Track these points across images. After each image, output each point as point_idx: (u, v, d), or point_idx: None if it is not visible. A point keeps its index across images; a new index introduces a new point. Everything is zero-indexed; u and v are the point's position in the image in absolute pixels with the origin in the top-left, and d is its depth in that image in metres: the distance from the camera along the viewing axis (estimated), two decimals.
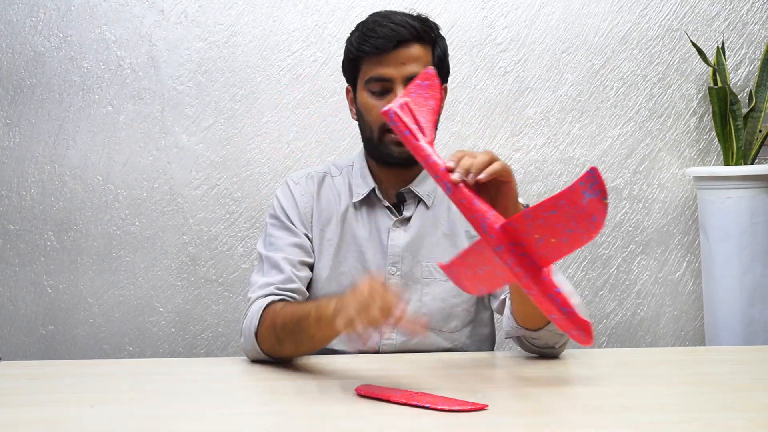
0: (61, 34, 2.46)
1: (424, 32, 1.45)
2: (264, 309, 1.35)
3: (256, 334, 1.34)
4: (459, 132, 2.48)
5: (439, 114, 1.13)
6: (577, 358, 1.34)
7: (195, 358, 2.40)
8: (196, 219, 2.47)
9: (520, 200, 1.20)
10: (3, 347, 2.46)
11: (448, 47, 1.54)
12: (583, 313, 1.05)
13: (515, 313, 1.34)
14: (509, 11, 2.50)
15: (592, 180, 0.93)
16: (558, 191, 0.98)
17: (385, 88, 1.44)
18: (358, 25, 1.49)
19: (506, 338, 1.43)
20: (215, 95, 2.47)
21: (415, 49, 1.44)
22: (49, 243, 2.47)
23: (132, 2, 2.46)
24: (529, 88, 2.50)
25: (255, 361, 1.37)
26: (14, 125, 2.46)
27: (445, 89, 1.53)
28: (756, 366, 1.32)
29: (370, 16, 1.49)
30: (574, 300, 1.06)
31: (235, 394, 1.19)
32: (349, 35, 1.50)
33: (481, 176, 1.10)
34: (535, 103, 2.50)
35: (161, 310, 2.48)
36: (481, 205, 1.08)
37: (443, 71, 1.50)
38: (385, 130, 1.43)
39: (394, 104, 1.14)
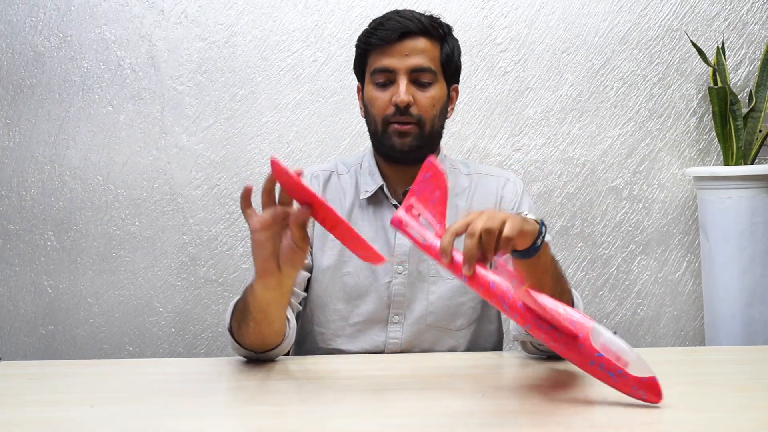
0: (61, 34, 2.46)
1: (432, 27, 1.46)
2: (234, 304, 1.33)
3: (230, 329, 1.32)
4: (459, 132, 2.48)
5: (446, 198, 1.10)
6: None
7: (195, 358, 2.40)
8: (196, 219, 2.47)
9: (531, 216, 1.15)
10: (3, 347, 2.46)
11: None
12: (640, 367, 1.00)
13: None
14: (509, 11, 2.50)
15: None
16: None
17: (389, 79, 1.44)
18: (370, 22, 1.50)
19: (513, 341, 1.43)
20: (215, 95, 2.47)
21: (421, 42, 1.44)
22: (49, 243, 2.47)
23: (132, 2, 2.46)
24: (529, 88, 2.50)
25: (248, 360, 1.36)
26: (14, 125, 2.46)
27: (456, 90, 1.54)
28: (756, 366, 1.32)
29: (382, 14, 1.50)
30: (627, 356, 1.01)
31: (235, 394, 1.19)
32: (359, 34, 1.51)
33: (495, 257, 1.07)
34: (535, 103, 2.50)
35: (161, 310, 2.48)
36: (499, 285, 1.04)
37: (451, 70, 1.50)
38: (388, 121, 1.44)
39: (400, 211, 1.11)
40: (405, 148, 1.44)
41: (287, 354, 1.62)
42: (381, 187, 1.50)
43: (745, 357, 1.42)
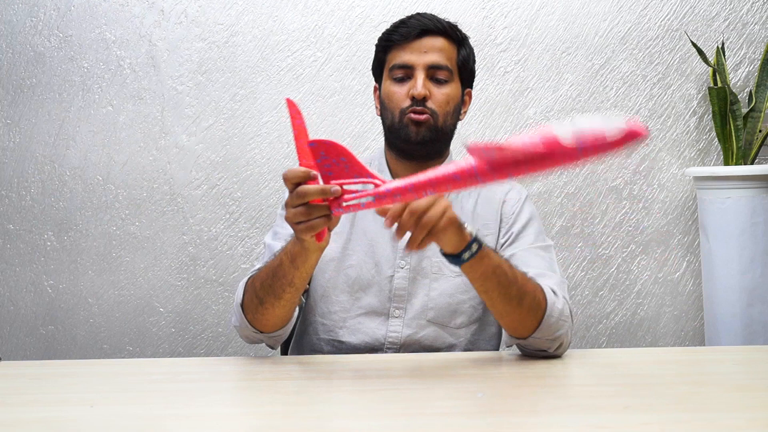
0: (61, 34, 2.46)
1: (450, 29, 1.51)
2: (246, 282, 1.40)
3: (242, 305, 1.38)
4: (459, 132, 2.47)
5: (353, 156, 1.14)
6: (577, 358, 1.34)
7: (195, 358, 2.40)
8: (196, 219, 2.47)
9: (468, 229, 1.25)
10: (3, 347, 2.46)
11: None
12: (613, 127, 0.98)
13: (502, 323, 1.37)
14: (509, 11, 2.50)
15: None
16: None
17: (407, 75, 1.48)
18: (392, 24, 1.54)
19: (507, 346, 1.45)
20: (215, 95, 2.47)
21: (439, 41, 1.49)
22: (49, 243, 2.47)
23: (132, 2, 2.46)
24: (529, 88, 2.50)
25: (251, 341, 1.41)
26: (14, 125, 2.46)
27: (470, 94, 1.58)
28: (756, 366, 1.32)
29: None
30: (597, 130, 0.99)
31: (235, 394, 1.19)
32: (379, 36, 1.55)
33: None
34: (535, 103, 2.50)
35: (161, 310, 2.48)
36: (441, 174, 1.09)
37: (466, 73, 1.54)
38: (404, 113, 1.47)
39: (333, 204, 1.15)
40: (419, 139, 1.47)
41: (286, 352, 1.62)
42: None
43: (745, 357, 1.42)
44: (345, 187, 1.12)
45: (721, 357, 1.48)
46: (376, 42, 1.55)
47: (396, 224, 1.17)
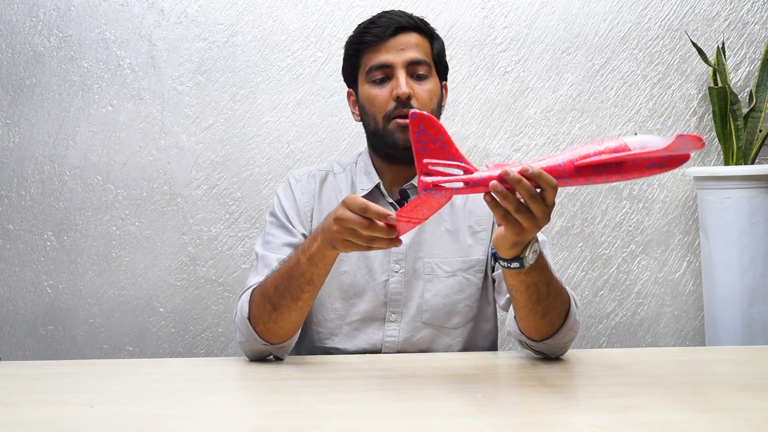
0: (61, 34, 2.46)
1: (422, 23, 1.49)
2: (251, 294, 1.37)
3: (249, 318, 1.34)
4: (459, 132, 2.48)
5: (450, 139, 1.09)
6: (577, 358, 1.34)
7: (195, 358, 2.40)
8: (196, 219, 2.47)
9: (537, 247, 1.20)
10: (3, 347, 2.46)
11: (448, 47, 1.56)
12: (675, 145, 1.04)
13: (519, 323, 1.34)
14: (509, 11, 2.50)
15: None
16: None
17: (386, 75, 1.46)
18: (357, 26, 1.52)
19: (507, 335, 1.43)
20: (215, 95, 2.47)
21: (414, 37, 1.47)
22: (48, 243, 2.47)
23: (132, 2, 2.46)
24: (529, 88, 2.50)
25: (254, 360, 1.37)
26: (14, 125, 2.46)
27: (445, 86, 1.55)
28: (756, 366, 1.32)
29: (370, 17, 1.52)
30: (656, 143, 1.06)
31: (235, 394, 1.19)
32: (348, 38, 1.52)
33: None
34: (535, 103, 2.50)
35: (161, 310, 2.48)
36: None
37: (442, 66, 1.53)
38: (389, 117, 1.44)
39: (422, 176, 1.09)
40: (408, 144, 1.44)
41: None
42: (377, 185, 1.51)
43: (745, 357, 1.42)
44: (436, 168, 1.09)
45: (721, 357, 1.48)
46: (345, 46, 1.51)
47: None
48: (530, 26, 2.50)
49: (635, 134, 1.10)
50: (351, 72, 1.52)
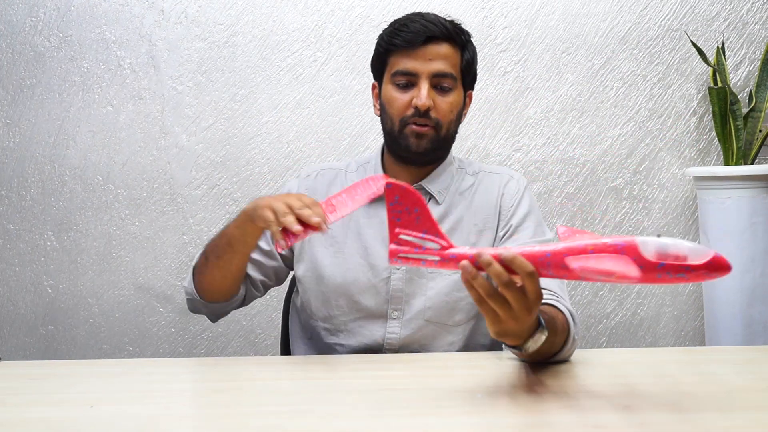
0: (61, 34, 2.46)
1: (455, 33, 1.48)
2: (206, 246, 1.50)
3: (194, 266, 1.51)
4: (459, 132, 2.47)
5: (427, 210, 1.06)
6: (576, 358, 1.34)
7: (195, 358, 2.40)
8: (196, 219, 2.47)
9: (541, 337, 1.12)
10: (3, 347, 2.46)
11: None
12: (699, 253, 0.96)
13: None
14: (509, 11, 2.50)
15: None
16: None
17: (410, 82, 1.45)
18: (392, 22, 1.51)
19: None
20: (215, 95, 2.47)
21: (444, 48, 1.46)
22: (49, 243, 2.47)
23: (132, 2, 2.46)
24: (529, 88, 2.50)
25: (193, 308, 1.56)
26: (14, 125, 2.47)
27: (470, 96, 1.55)
28: (756, 366, 1.32)
29: (404, 16, 1.51)
30: (681, 250, 0.96)
31: (236, 394, 1.19)
32: (382, 31, 1.52)
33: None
34: (535, 103, 2.50)
35: (161, 310, 2.48)
36: (533, 255, 1.02)
37: (470, 77, 1.52)
38: (406, 122, 1.45)
39: (391, 245, 1.07)
40: (420, 150, 1.46)
41: (287, 353, 1.62)
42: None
43: (745, 357, 1.42)
44: (409, 238, 1.06)
45: (721, 357, 1.48)
46: (378, 39, 1.51)
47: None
48: (530, 26, 2.50)
49: (658, 236, 0.99)
50: (378, 68, 1.52)
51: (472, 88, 1.55)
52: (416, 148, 1.45)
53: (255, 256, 1.53)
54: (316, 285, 1.51)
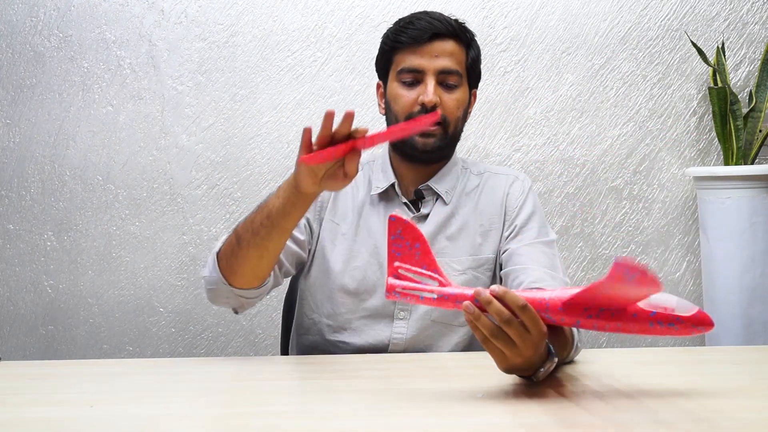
0: (61, 34, 2.46)
1: (460, 31, 1.48)
2: (228, 234, 1.38)
3: (217, 253, 1.36)
4: None
5: (427, 246, 1.07)
6: (577, 358, 1.34)
7: (195, 358, 2.40)
8: (196, 219, 2.47)
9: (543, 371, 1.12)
10: (3, 347, 2.46)
11: None
12: (685, 306, 1.02)
13: None
14: (509, 11, 2.50)
15: (625, 270, 0.91)
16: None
17: (416, 79, 1.45)
18: (397, 21, 1.51)
19: None
20: (215, 95, 2.47)
21: (450, 45, 1.46)
22: (49, 243, 2.47)
23: (132, 2, 2.46)
24: (529, 88, 2.50)
25: (214, 302, 1.41)
26: (14, 125, 2.47)
27: (474, 94, 1.55)
28: (756, 366, 1.32)
29: (409, 14, 1.51)
30: (669, 302, 1.02)
31: (235, 394, 1.19)
32: (386, 30, 1.52)
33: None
34: (535, 103, 2.50)
35: (161, 310, 2.48)
36: (532, 299, 1.03)
37: (475, 75, 1.53)
38: (411, 120, 1.43)
39: (389, 279, 1.07)
40: (427, 148, 1.45)
41: (287, 352, 1.62)
42: (392, 185, 1.51)
43: (745, 357, 1.42)
44: (407, 273, 1.07)
45: (721, 357, 1.48)
46: (383, 38, 1.51)
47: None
48: (530, 26, 2.50)
49: None
50: (383, 66, 1.52)
51: (476, 86, 1.55)
52: (423, 146, 1.45)
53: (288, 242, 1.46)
54: (322, 279, 1.50)
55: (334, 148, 1.15)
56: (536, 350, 1.04)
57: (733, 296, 2.30)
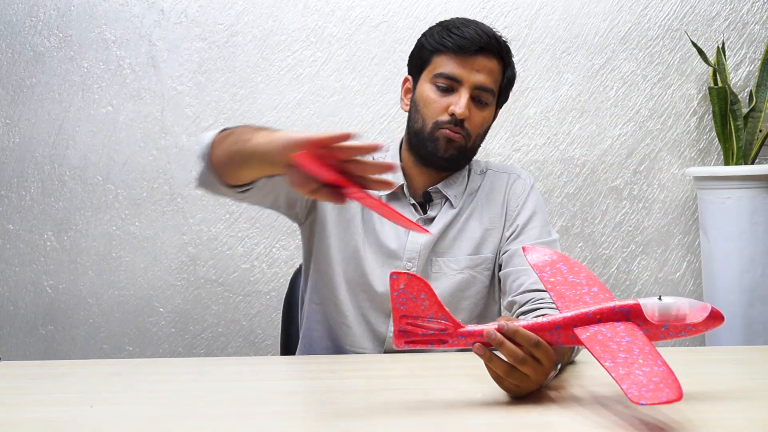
0: (60, 34, 2.46)
1: (504, 51, 1.47)
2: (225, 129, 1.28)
3: (213, 139, 1.25)
4: None
5: (434, 295, 1.04)
6: (578, 358, 1.34)
7: (195, 358, 2.40)
8: (196, 219, 2.47)
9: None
10: (3, 347, 2.46)
11: None
12: (698, 310, 1.03)
13: None
14: (509, 11, 2.50)
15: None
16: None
17: (451, 87, 1.44)
18: (441, 22, 1.49)
19: None
20: (215, 95, 2.47)
21: (492, 62, 1.45)
22: (48, 243, 2.47)
23: (132, 2, 2.46)
24: (529, 88, 2.50)
25: (202, 185, 1.30)
26: (14, 125, 2.46)
27: (497, 114, 1.55)
28: (756, 366, 1.32)
29: (454, 18, 1.50)
30: (682, 309, 1.03)
31: (235, 394, 1.19)
32: (428, 28, 1.50)
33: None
34: (535, 103, 2.50)
35: (161, 310, 2.48)
36: (542, 325, 1.04)
37: (505, 96, 1.53)
38: (439, 126, 1.43)
39: (397, 334, 1.05)
40: (447, 155, 1.44)
41: (287, 352, 1.62)
42: (401, 186, 1.51)
43: (745, 357, 1.42)
44: (414, 325, 1.05)
45: (721, 357, 1.48)
46: (425, 36, 1.49)
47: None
48: (530, 26, 2.50)
49: (659, 298, 1.04)
50: (418, 64, 1.49)
51: (502, 106, 1.55)
52: (443, 153, 1.44)
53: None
54: (326, 277, 1.50)
55: (327, 172, 1.00)
56: (547, 375, 1.05)
57: (733, 296, 2.30)
